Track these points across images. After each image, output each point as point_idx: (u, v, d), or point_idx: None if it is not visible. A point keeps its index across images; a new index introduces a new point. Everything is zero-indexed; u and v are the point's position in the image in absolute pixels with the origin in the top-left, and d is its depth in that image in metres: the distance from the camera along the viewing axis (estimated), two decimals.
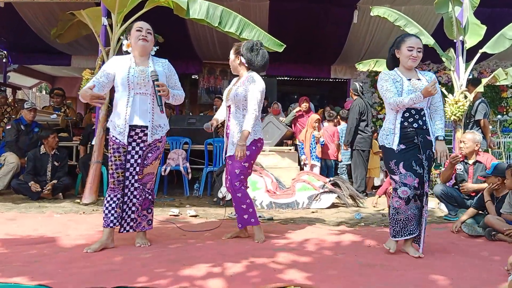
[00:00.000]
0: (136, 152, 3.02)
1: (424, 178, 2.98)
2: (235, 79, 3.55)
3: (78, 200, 5.14)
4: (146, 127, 3.02)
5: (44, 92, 17.03)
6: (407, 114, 3.04)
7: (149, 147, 3.06)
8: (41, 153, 5.49)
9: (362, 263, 2.76)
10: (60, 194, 5.41)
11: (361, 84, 6.58)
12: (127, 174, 3.02)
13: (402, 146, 3.00)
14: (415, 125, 3.02)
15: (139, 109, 2.99)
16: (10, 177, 5.62)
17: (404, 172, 2.97)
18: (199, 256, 2.82)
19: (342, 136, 6.77)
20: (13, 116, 7.48)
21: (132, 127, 2.99)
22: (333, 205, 5.27)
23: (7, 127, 6.10)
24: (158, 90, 2.95)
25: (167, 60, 3.21)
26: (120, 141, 2.99)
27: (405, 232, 2.99)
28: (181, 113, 9.15)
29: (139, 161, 3.03)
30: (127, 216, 3.09)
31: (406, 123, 3.03)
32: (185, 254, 2.88)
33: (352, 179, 6.32)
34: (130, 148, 3.00)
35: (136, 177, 3.05)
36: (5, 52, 9.56)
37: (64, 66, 10.03)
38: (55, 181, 5.37)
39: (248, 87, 3.30)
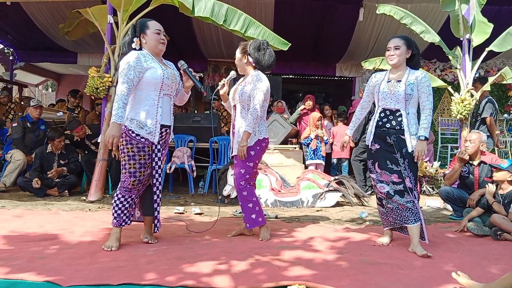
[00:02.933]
0: (159, 151, 3.01)
1: (403, 174, 3.08)
2: (241, 78, 3.54)
3: (84, 198, 5.17)
4: (169, 126, 3.08)
5: (50, 90, 17.11)
6: (382, 114, 3.20)
7: (164, 145, 3.12)
8: (47, 151, 5.52)
9: (366, 262, 2.75)
10: (66, 191, 5.44)
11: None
12: (153, 172, 3.01)
13: (377, 146, 3.18)
14: (387, 125, 3.15)
15: (165, 109, 3.02)
16: (16, 174, 5.67)
17: (379, 171, 3.16)
18: (205, 254, 2.83)
19: None
20: (18, 114, 7.54)
21: (163, 127, 3.00)
22: (338, 204, 5.26)
23: (14, 125, 6.13)
24: (193, 74, 3.08)
25: (171, 63, 3.23)
26: (146, 141, 2.91)
27: (399, 220, 3.15)
28: (186, 111, 9.16)
29: (162, 158, 3.09)
30: (158, 215, 3.10)
31: (380, 123, 3.18)
32: (191, 252, 2.89)
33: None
34: (159, 147, 2.99)
35: (160, 174, 3.06)
36: (12, 50, 9.62)
37: (70, 64, 10.07)
38: (64, 168, 5.44)
39: (253, 87, 3.30)
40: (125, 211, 3.00)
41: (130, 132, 2.89)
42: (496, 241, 3.46)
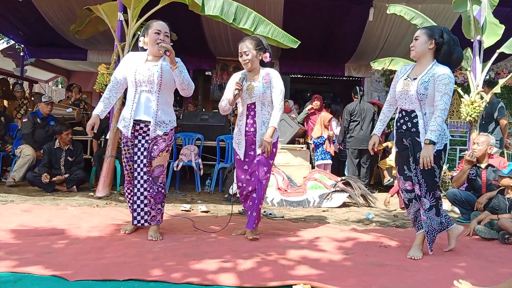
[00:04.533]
0: (142, 145, 3.16)
1: (413, 180, 2.97)
2: (241, 75, 3.33)
3: (92, 193, 5.20)
4: (149, 122, 3.13)
5: (60, 86, 17.25)
6: (400, 115, 3.02)
7: (154, 140, 3.16)
8: (55, 147, 5.56)
9: (372, 263, 2.74)
10: (74, 187, 5.48)
11: (361, 88, 6.97)
12: (135, 166, 3.15)
13: (396, 149, 3.07)
14: (404, 127, 2.98)
15: (143, 105, 3.13)
16: (25, 169, 5.72)
17: (399, 177, 3.07)
18: (210, 252, 2.84)
19: None
20: (29, 109, 7.61)
21: (137, 122, 3.13)
22: (344, 204, 5.25)
23: (24, 120, 6.19)
24: (162, 45, 3.03)
25: (179, 59, 3.22)
26: (125, 134, 3.16)
27: (417, 227, 3.10)
28: (194, 109, 9.19)
29: (145, 153, 3.15)
30: (139, 208, 3.19)
31: (398, 124, 3.03)
32: (197, 249, 2.90)
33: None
34: (136, 141, 3.16)
35: (144, 169, 3.15)
36: (23, 46, 9.70)
37: (80, 61, 10.13)
38: (67, 175, 5.44)
39: (275, 83, 3.31)
40: (130, 204, 3.26)
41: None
42: (503, 244, 3.43)
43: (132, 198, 3.20)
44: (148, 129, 3.14)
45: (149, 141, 3.14)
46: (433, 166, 2.82)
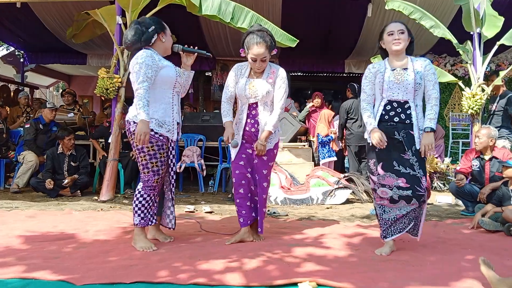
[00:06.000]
0: (173, 148, 3.07)
1: (415, 176, 2.80)
2: (243, 70, 3.20)
3: (96, 197, 5.22)
4: (179, 123, 3.09)
5: (61, 91, 17.27)
6: (388, 107, 2.86)
7: (174, 142, 3.13)
8: (58, 152, 5.57)
9: (377, 259, 2.75)
10: (79, 191, 5.51)
11: (358, 86, 6.85)
12: (169, 169, 3.07)
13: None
14: (396, 119, 2.84)
15: (178, 107, 3.05)
16: (29, 175, 5.74)
17: (382, 174, 2.84)
18: (216, 252, 2.84)
19: None
20: (30, 116, 7.63)
21: (178, 124, 3.04)
22: (348, 201, 5.26)
23: (26, 126, 6.21)
24: (193, 48, 3.04)
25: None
26: (165, 138, 2.93)
27: (396, 229, 2.89)
28: (195, 110, 9.20)
29: (175, 155, 3.12)
30: (170, 212, 3.15)
31: (386, 116, 2.86)
32: (202, 250, 2.91)
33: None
34: (172, 144, 3.04)
35: (174, 170, 3.12)
36: (22, 52, 9.73)
37: (80, 65, 10.16)
38: (76, 176, 5.46)
39: (278, 83, 3.13)
40: (150, 210, 2.99)
41: (151, 130, 2.87)
42: (509, 237, 3.42)
43: (155, 202, 3.04)
44: (179, 131, 3.12)
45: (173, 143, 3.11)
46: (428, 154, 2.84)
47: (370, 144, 2.89)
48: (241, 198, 3.16)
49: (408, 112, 2.84)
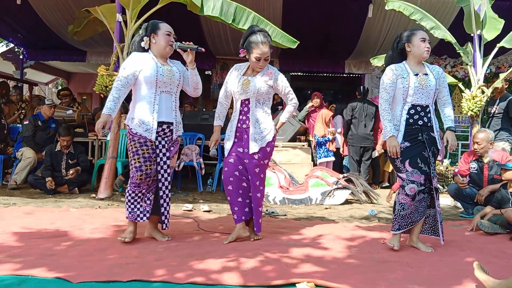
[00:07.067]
0: (163, 147, 3.07)
1: (431, 175, 2.98)
2: (241, 69, 3.27)
3: (94, 195, 5.20)
4: (172, 123, 3.09)
5: (60, 88, 17.24)
6: (412, 111, 3.02)
7: (171, 141, 3.14)
8: (56, 150, 5.56)
9: (376, 260, 2.74)
10: (76, 189, 5.48)
11: (366, 87, 7.11)
12: (159, 168, 3.06)
13: (407, 144, 2.99)
14: (420, 122, 3.01)
15: (164, 106, 3.06)
16: (27, 172, 5.72)
17: (410, 170, 2.96)
18: (213, 251, 2.83)
19: None
20: (23, 112, 7.60)
21: (160, 124, 3.03)
22: (347, 202, 5.24)
23: (25, 123, 6.19)
24: (187, 44, 3.07)
25: (179, 62, 3.26)
26: (147, 137, 3.00)
27: (408, 224, 3.02)
28: (195, 108, 9.18)
29: (167, 154, 3.09)
30: (166, 211, 3.13)
31: (411, 120, 3.01)
32: (200, 249, 2.90)
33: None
34: (157, 143, 3.04)
35: (168, 171, 3.09)
36: (22, 48, 9.71)
37: (79, 62, 10.14)
38: (79, 168, 5.45)
39: (279, 80, 3.24)
40: (138, 206, 3.06)
41: (131, 130, 3.02)
42: (507, 239, 3.41)
43: (142, 200, 3.08)
44: (170, 131, 3.09)
45: (168, 142, 3.10)
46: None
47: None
48: (231, 195, 3.24)
49: (429, 115, 3.04)
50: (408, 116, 3.01)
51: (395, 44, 3.18)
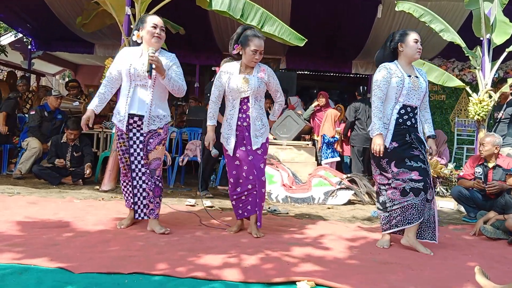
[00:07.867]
0: (137, 138, 3.15)
1: (426, 170, 2.98)
2: (235, 69, 3.30)
3: (98, 187, 5.23)
4: (142, 116, 3.12)
5: (67, 79, 17.30)
6: (403, 111, 3.04)
7: (149, 134, 3.17)
8: (61, 141, 5.59)
9: (377, 261, 2.74)
10: (80, 180, 5.51)
11: (365, 88, 7.09)
12: (132, 159, 3.15)
13: (395, 144, 3.00)
14: (408, 122, 3.04)
15: (138, 99, 3.11)
16: (32, 162, 5.75)
17: (396, 171, 2.99)
18: (215, 247, 2.84)
19: None
20: (29, 102, 7.63)
21: (131, 116, 3.12)
22: (350, 202, 5.24)
23: (31, 113, 6.22)
24: (151, 57, 2.97)
25: (174, 54, 3.26)
26: (120, 128, 3.16)
27: (403, 222, 3.00)
28: (200, 104, 9.18)
29: (141, 146, 3.14)
30: (139, 202, 3.19)
31: (401, 120, 3.03)
32: (201, 244, 2.91)
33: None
34: (131, 134, 3.15)
35: (142, 162, 3.15)
36: (30, 39, 9.74)
37: (87, 54, 10.16)
38: (90, 165, 5.49)
39: (271, 80, 3.35)
40: (127, 195, 3.31)
41: (114, 122, 3.21)
42: (510, 245, 3.40)
43: (131, 191, 3.22)
44: (142, 123, 3.13)
45: (144, 135, 3.14)
46: None
47: (385, 147, 3.02)
48: (236, 195, 3.36)
49: (416, 117, 3.07)
50: (398, 116, 3.03)
51: (388, 43, 3.18)
